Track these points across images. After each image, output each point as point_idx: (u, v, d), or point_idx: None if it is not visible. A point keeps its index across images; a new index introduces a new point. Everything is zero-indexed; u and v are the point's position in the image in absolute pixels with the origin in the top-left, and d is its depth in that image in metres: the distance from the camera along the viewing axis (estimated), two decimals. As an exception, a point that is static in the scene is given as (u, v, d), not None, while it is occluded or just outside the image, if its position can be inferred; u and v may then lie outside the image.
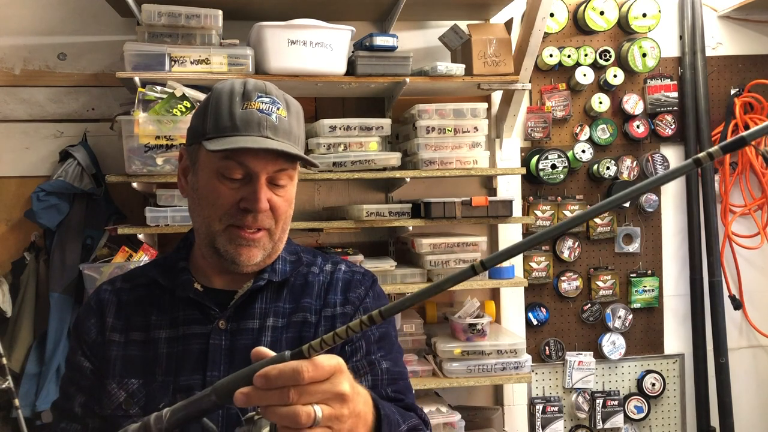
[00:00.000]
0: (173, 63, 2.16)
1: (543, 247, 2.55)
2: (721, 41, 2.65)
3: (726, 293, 2.63)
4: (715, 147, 0.60)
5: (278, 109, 1.13)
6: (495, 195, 2.48)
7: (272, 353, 0.80)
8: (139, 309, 1.12)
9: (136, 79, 2.07)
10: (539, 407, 2.51)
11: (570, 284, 2.54)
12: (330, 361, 0.79)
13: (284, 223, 1.18)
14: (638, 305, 2.59)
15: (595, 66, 2.53)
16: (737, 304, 2.64)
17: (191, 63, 2.17)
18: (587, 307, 2.56)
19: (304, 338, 1.11)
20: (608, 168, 2.51)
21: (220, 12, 2.17)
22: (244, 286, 1.18)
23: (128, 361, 1.08)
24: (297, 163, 1.15)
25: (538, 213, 2.50)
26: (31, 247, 2.14)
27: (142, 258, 2.11)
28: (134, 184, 2.08)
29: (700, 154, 0.60)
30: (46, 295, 2.10)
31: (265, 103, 1.14)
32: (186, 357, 1.06)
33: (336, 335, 0.76)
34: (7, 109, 2.19)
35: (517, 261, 2.49)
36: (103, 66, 2.20)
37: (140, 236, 2.12)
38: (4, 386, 2.10)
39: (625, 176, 2.56)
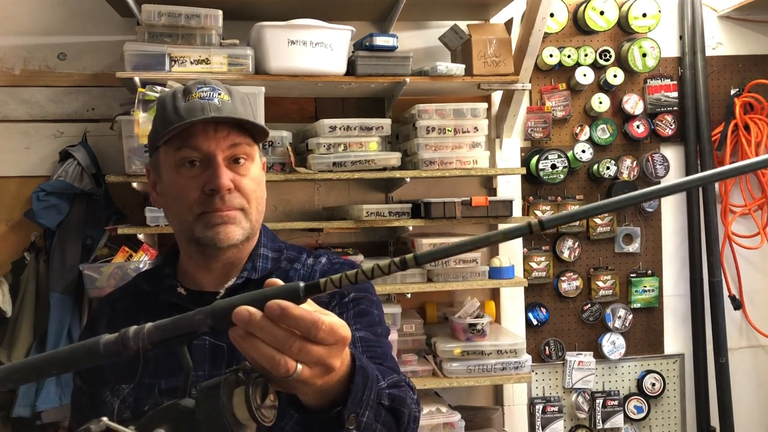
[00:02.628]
0: (173, 63, 2.16)
1: (543, 247, 2.55)
2: (721, 41, 2.65)
3: (726, 293, 2.63)
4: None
5: (219, 94, 1.16)
6: (495, 195, 2.48)
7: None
8: (129, 318, 1.13)
9: (136, 79, 2.07)
10: (539, 407, 2.51)
11: (570, 284, 2.54)
12: (344, 331, 0.75)
13: (258, 204, 1.19)
14: (638, 305, 2.60)
15: (595, 66, 2.53)
16: (737, 304, 2.64)
17: (191, 63, 2.17)
18: (587, 307, 2.57)
19: None
20: (608, 168, 2.51)
21: (220, 12, 2.17)
22: (226, 286, 1.18)
23: (119, 367, 1.09)
24: (250, 139, 1.17)
25: (538, 213, 2.50)
26: (31, 247, 2.15)
27: (142, 258, 2.11)
28: (134, 184, 2.08)
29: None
30: (46, 295, 2.11)
31: (206, 91, 1.18)
32: (169, 359, 1.06)
33: (362, 272, 0.70)
34: (7, 109, 2.19)
35: (517, 261, 2.49)
36: (103, 66, 2.20)
37: (140, 236, 2.12)
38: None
39: (625, 176, 2.56)
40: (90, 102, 2.20)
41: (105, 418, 0.73)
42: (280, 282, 0.74)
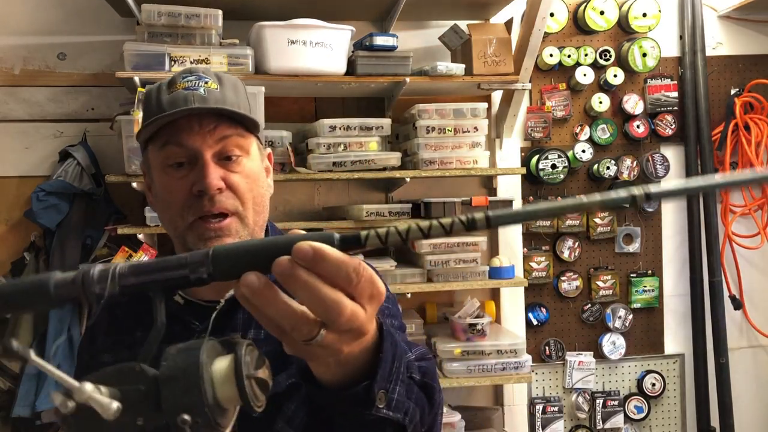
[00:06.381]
0: (173, 63, 2.17)
1: (543, 247, 2.56)
2: (721, 41, 2.65)
3: (726, 293, 2.64)
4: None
5: (206, 83, 1.08)
6: (495, 195, 2.49)
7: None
8: (127, 325, 1.09)
9: (136, 79, 2.08)
10: (539, 407, 2.52)
11: (570, 284, 2.55)
12: (381, 285, 0.63)
13: (255, 205, 1.10)
14: (638, 305, 2.60)
15: (595, 66, 2.54)
16: (737, 304, 2.65)
17: (191, 63, 2.18)
18: (587, 307, 2.57)
19: (283, 352, 0.72)
20: (608, 168, 2.52)
21: (220, 12, 2.18)
22: (226, 295, 1.08)
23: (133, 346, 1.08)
24: (243, 129, 1.08)
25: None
26: (30, 247, 2.16)
27: (142, 258, 2.12)
28: (134, 184, 2.09)
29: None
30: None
31: (191, 80, 1.10)
32: (178, 332, 0.97)
33: (417, 227, 0.58)
34: (6, 108, 2.22)
35: (517, 261, 2.50)
36: (103, 66, 2.22)
37: (140, 236, 2.13)
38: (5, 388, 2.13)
39: (625, 176, 2.57)
40: (90, 102, 2.21)
41: (31, 352, 0.55)
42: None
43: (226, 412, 0.62)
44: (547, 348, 2.56)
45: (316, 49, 2.24)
